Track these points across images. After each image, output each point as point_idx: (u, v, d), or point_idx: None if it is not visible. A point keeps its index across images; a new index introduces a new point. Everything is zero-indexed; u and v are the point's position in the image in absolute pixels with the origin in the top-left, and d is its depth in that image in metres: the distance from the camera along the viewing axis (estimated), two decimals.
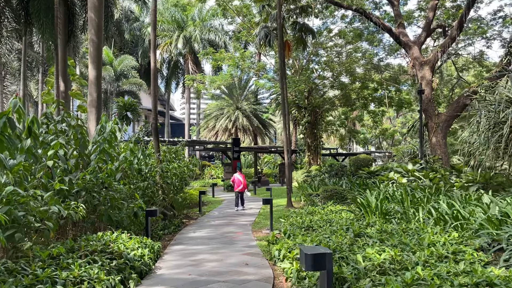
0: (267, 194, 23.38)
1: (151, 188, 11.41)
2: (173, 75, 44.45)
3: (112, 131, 9.82)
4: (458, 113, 21.21)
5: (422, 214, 8.77)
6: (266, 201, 10.60)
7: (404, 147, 37.05)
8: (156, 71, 13.14)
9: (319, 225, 9.00)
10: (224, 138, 39.65)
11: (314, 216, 11.24)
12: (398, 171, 16.81)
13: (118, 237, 7.21)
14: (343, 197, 13.90)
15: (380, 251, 5.73)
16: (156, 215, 8.84)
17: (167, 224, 11.53)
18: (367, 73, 32.95)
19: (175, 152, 13.72)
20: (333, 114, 42.38)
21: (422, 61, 21.62)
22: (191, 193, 18.08)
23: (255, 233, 10.62)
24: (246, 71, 34.04)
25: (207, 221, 13.09)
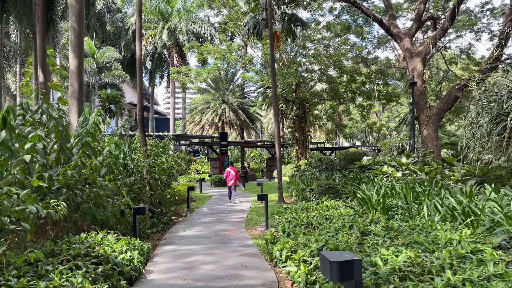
0: (256, 190, 22.85)
1: (138, 184, 10.74)
2: (157, 68, 43.41)
3: (95, 123, 9.11)
4: (449, 106, 21.01)
5: (427, 209, 8.33)
6: (261, 197, 10.05)
7: (392, 141, 36.97)
8: (141, 59, 12.42)
9: (318, 222, 8.48)
10: (211, 133, 38.93)
11: (311, 212, 10.73)
12: (391, 165, 16.44)
13: (104, 239, 6.56)
14: (338, 192, 13.44)
15: (396, 252, 5.22)
16: (145, 213, 8.20)
17: (155, 222, 10.89)
18: (355, 66, 32.62)
19: (163, 146, 13.04)
20: (319, 108, 42.03)
21: (413, 53, 21.30)
22: (179, 189, 17.41)
23: (249, 230, 10.06)
24: (233, 64, 33.33)
25: (197, 218, 12.47)
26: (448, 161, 19.27)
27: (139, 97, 12.09)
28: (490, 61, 20.31)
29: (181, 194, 16.29)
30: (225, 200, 17.78)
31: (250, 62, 33.50)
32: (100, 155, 9.56)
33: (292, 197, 18.09)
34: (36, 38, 18.12)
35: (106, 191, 8.27)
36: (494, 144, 10.94)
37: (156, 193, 11.84)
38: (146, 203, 10.92)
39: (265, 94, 39.66)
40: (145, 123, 15.46)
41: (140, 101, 11.99)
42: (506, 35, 19.90)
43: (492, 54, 20.60)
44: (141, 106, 11.99)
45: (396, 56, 32.66)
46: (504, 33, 19.74)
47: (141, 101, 11.99)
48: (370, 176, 15.78)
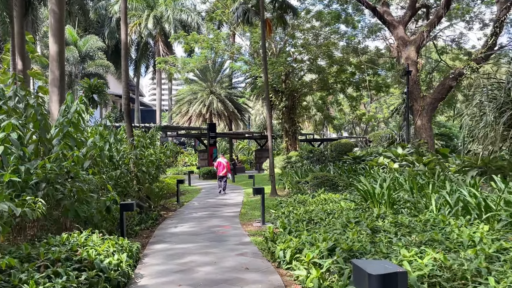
0: (247, 182, 22.28)
1: (125, 178, 10.03)
2: (142, 58, 42.24)
3: (78, 112, 8.37)
4: (443, 95, 20.65)
5: (435, 203, 7.83)
6: (257, 191, 9.44)
7: (381, 132, 36.67)
8: (127, 43, 11.63)
9: (320, 217, 7.92)
10: (198, 124, 38.10)
11: (309, 206, 10.19)
12: (387, 156, 15.99)
13: (88, 239, 5.88)
14: (334, 184, 12.91)
15: (418, 254, 4.67)
16: (133, 209, 7.53)
17: (144, 217, 10.20)
18: (345, 56, 32.08)
19: (151, 137, 12.31)
20: (307, 99, 41.47)
21: (407, 41, 20.83)
22: (167, 182, 16.71)
23: (245, 226, 9.46)
24: (221, 53, 32.44)
25: (188, 213, 11.82)
26: (441, 151, 18.94)
27: (125, 85, 11.33)
28: (484, 49, 19.95)
29: (170, 187, 15.61)
30: (216, 194, 17.15)
31: (238, 52, 32.69)
32: (83, 147, 8.86)
33: (285, 189, 17.55)
34: (14, 23, 17.09)
35: (91, 186, 7.58)
36: (499, 134, 10.50)
37: (144, 186, 11.14)
38: (133, 198, 10.23)
39: (253, 84, 38.93)
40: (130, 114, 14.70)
41: (126, 88, 11.23)
42: (500, 23, 19.55)
43: (486, 43, 20.24)
44: (126, 94, 11.22)
45: (386, 46, 32.26)
46: (499, 21, 19.38)
47: (126, 88, 11.23)
48: (366, 167, 15.31)
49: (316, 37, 31.88)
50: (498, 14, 19.59)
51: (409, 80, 19.60)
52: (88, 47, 32.96)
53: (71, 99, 8.67)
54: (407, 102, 18.99)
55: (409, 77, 18.90)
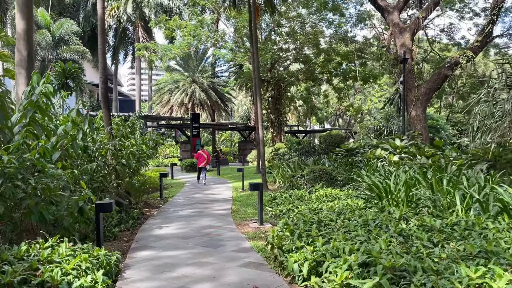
0: (233, 175, 21.15)
1: (102, 171, 8.75)
2: (121, 45, 40.29)
3: (45, 94, 7.06)
4: (438, 85, 19.91)
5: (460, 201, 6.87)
6: (255, 187, 8.30)
7: (368, 124, 35.94)
8: (104, 17, 10.26)
9: (330, 218, 6.86)
10: (180, 114, 36.62)
11: (310, 204, 9.15)
12: (384, 148, 15.08)
13: (53, 252, 4.65)
14: (333, 178, 11.90)
15: (485, 273, 3.63)
16: (111, 209, 6.29)
17: (124, 217, 8.96)
18: (332, 45, 31.11)
19: (131, 125, 11.00)
20: (292, 90, 40.49)
21: (402, 28, 19.92)
22: (149, 175, 15.42)
23: (240, 227, 8.33)
24: (204, 40, 30.96)
25: (174, 211, 10.61)
26: (436, 144, 18.18)
27: (102, 66, 9.97)
28: (481, 37, 19.20)
29: (152, 181, 14.34)
30: (202, 188, 15.98)
31: (222, 39, 31.30)
32: (53, 136, 7.59)
33: (275, 183, 16.51)
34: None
35: (60, 182, 6.31)
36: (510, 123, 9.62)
37: (123, 181, 9.87)
38: (112, 195, 8.96)
39: (237, 73, 37.62)
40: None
41: (103, 70, 9.88)
42: (498, 11, 18.81)
43: (482, 31, 19.50)
44: (104, 76, 9.88)
45: (375, 35, 31.41)
46: (497, 8, 18.62)
47: (103, 69, 9.88)
48: (364, 160, 14.36)
49: (302, 25, 30.78)
50: (496, 1, 18.83)
51: (405, 69, 18.71)
52: (62, 31, 30.96)
53: (37, 79, 7.33)
54: (403, 92, 18.10)
55: (405, 65, 18.00)
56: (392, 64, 23.17)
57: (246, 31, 28.88)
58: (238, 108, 59.88)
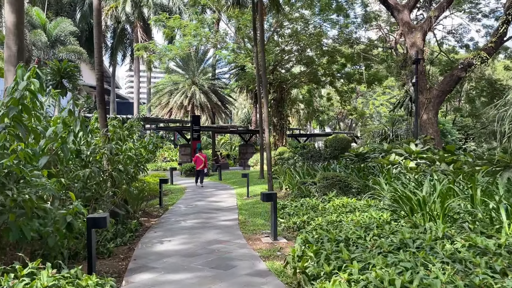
0: (235, 181, 20.24)
1: (96, 178, 7.81)
2: (119, 45, 39.34)
3: (31, 90, 6.14)
4: (451, 87, 19.06)
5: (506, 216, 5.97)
6: (268, 197, 7.35)
7: (372, 127, 35.12)
8: (100, 9, 9.37)
9: (357, 235, 5.96)
10: (179, 116, 35.69)
11: (329, 216, 8.23)
12: (399, 153, 14.18)
13: (32, 284, 3.72)
14: (347, 186, 10.98)
15: None
16: (105, 225, 5.37)
17: (120, 229, 8.03)
18: (337, 46, 30.28)
19: (129, 127, 10.07)
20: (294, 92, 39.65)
21: (412, 27, 19.08)
22: (147, 180, 14.49)
23: (251, 242, 7.40)
24: (205, 41, 30.06)
25: (175, 221, 9.68)
26: (448, 148, 17.30)
27: (98, 61, 9.07)
28: (495, 38, 18.39)
29: (150, 187, 13.40)
30: (203, 194, 15.06)
31: (223, 40, 30.42)
32: (41, 138, 6.68)
33: (281, 189, 15.60)
34: None
35: (45, 192, 5.39)
36: None
37: (120, 189, 8.94)
38: (107, 204, 8.02)
39: (238, 75, 36.75)
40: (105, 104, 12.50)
41: (99, 65, 8.97)
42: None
43: (496, 32, 18.69)
44: (100, 72, 8.97)
45: (380, 36, 30.60)
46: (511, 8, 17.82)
47: (100, 64, 8.97)
48: (378, 166, 13.46)
49: (306, 26, 29.94)
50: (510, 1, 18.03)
51: (418, 70, 17.88)
52: (59, 30, 30.02)
53: (22, 73, 6.40)
54: (415, 94, 17.23)
55: (417, 66, 17.15)
56: (400, 65, 22.35)
57: (248, 32, 28.05)
58: (238, 111, 59.00)
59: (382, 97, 51.83)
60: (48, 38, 29.40)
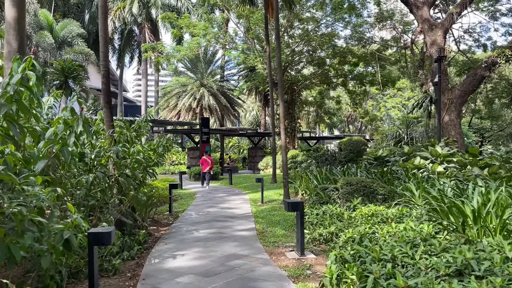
0: (247, 185, 19.42)
1: (101, 185, 7.03)
2: (127, 47, 38.79)
3: (27, 86, 5.38)
4: (474, 87, 18.14)
5: None
6: (293, 207, 6.50)
7: (386, 130, 34.12)
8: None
9: (404, 253, 5.10)
10: (188, 119, 34.96)
11: (359, 227, 7.38)
12: (423, 156, 13.28)
13: None
14: (372, 192, 10.10)
15: None
16: (110, 241, 4.58)
17: (127, 241, 7.22)
18: (349, 46, 29.43)
19: (137, 128, 9.29)
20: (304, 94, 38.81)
21: (433, 24, 18.19)
22: (156, 185, 13.71)
23: (274, 257, 6.56)
24: (214, 42, 29.33)
25: (187, 231, 8.86)
26: (471, 151, 16.36)
27: (103, 56, 8.31)
28: None
29: (160, 193, 12.61)
30: (215, 200, 14.24)
31: (233, 41, 29.68)
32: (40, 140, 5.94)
33: (297, 195, 14.74)
34: None
35: (40, 203, 4.59)
36: None
37: (128, 196, 8.15)
38: (112, 213, 7.23)
39: (247, 77, 35.98)
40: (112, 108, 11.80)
41: (105, 58, 8.21)
42: None
43: None
44: (105, 69, 8.20)
45: (394, 36, 29.68)
46: None
47: (105, 58, 8.20)
48: (402, 171, 12.55)
49: (317, 26, 29.12)
50: None
51: (441, 68, 16.97)
52: (66, 32, 29.48)
53: (17, 66, 5.63)
54: (438, 94, 16.32)
55: (440, 64, 16.24)
56: (418, 65, 21.48)
57: (258, 32, 27.31)
58: (246, 114, 58.23)
59: (394, 99, 50.75)
60: (55, 39, 28.89)
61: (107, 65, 8.27)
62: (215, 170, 24.01)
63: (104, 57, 8.22)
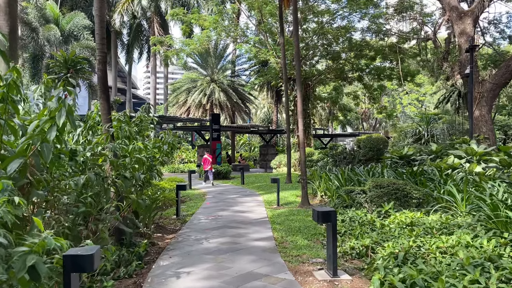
0: (260, 185, 18.31)
1: (94, 188, 5.94)
2: (135, 42, 37.80)
3: None
4: (507, 80, 16.69)
5: None
6: (324, 217, 5.31)
7: (404, 127, 32.67)
8: None
9: (471, 280, 3.93)
10: (197, 115, 33.92)
11: (399, 238, 6.21)
12: (457, 155, 12.00)
13: None
14: (406, 195, 8.88)
15: None
16: (92, 267, 3.47)
17: (125, 255, 6.12)
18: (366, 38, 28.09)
19: (139, 122, 8.19)
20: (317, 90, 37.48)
21: (461, 12, 16.81)
22: (162, 186, 12.65)
23: (300, 278, 5.40)
24: (224, 36, 28.19)
25: (195, 240, 7.75)
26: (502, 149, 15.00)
27: (99, 37, 7.23)
28: None
29: (166, 196, 11.53)
30: (227, 202, 13.14)
31: (244, 35, 28.50)
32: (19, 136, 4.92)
33: (315, 196, 13.59)
34: None
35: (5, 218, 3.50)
36: None
37: (127, 200, 7.06)
38: (108, 221, 6.14)
39: (259, 72, 34.81)
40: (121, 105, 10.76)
41: (101, 42, 7.13)
42: None
43: None
44: (103, 54, 7.12)
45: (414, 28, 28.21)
46: None
47: (101, 41, 7.12)
48: (435, 171, 11.28)
49: (332, 19, 27.83)
50: None
51: (473, 58, 15.62)
52: (72, 25, 28.60)
53: None
54: (470, 86, 14.98)
55: (472, 54, 14.90)
56: (442, 57, 20.12)
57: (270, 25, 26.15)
58: (257, 111, 57.06)
59: (411, 95, 49.17)
60: (61, 33, 27.98)
61: (103, 49, 7.18)
62: (226, 168, 22.92)
63: (100, 39, 7.14)
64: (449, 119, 29.04)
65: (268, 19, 25.81)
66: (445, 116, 31.47)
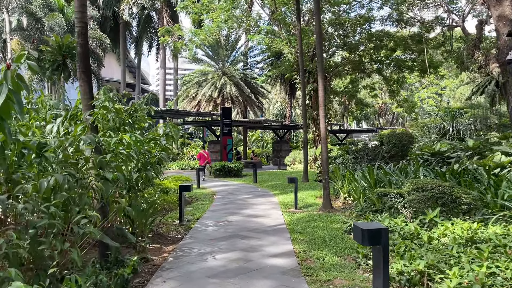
0: (275, 184, 16.90)
1: (64, 193, 4.54)
2: (144, 34, 36.55)
3: None
4: None
5: None
6: (373, 238, 3.82)
7: (427, 121, 30.85)
8: None
9: None
10: (208, 110, 32.56)
11: (464, 260, 4.72)
12: (504, 152, 10.38)
13: None
14: (454, 201, 7.33)
15: None
16: None
17: (103, 282, 4.69)
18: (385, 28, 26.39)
19: (132, 110, 6.78)
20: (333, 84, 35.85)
21: None
22: (166, 186, 11.26)
23: None
24: (236, 26, 26.71)
25: (199, 254, 6.32)
26: None
27: (79, 2, 5.80)
28: None
29: (166, 199, 10.13)
30: (238, 204, 11.71)
31: (256, 25, 26.96)
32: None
33: (337, 198, 12.09)
34: None
35: None
36: None
37: (113, 206, 5.66)
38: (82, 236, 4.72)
39: (272, 64, 33.28)
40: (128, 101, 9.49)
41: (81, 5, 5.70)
42: None
43: None
44: (82, 24, 5.68)
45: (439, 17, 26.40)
46: None
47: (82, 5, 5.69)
48: (480, 170, 9.67)
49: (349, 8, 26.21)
50: None
51: (500, 48, 13.90)
52: None
53: None
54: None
55: None
56: (474, 44, 18.39)
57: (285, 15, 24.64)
58: (270, 106, 55.53)
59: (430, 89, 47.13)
60: (66, 23, 26.81)
61: (84, 19, 5.74)
62: (237, 166, 21.53)
63: (79, 5, 5.69)
64: (475, 113, 27.18)
65: (282, 8, 24.32)
66: (471, 110, 29.56)
